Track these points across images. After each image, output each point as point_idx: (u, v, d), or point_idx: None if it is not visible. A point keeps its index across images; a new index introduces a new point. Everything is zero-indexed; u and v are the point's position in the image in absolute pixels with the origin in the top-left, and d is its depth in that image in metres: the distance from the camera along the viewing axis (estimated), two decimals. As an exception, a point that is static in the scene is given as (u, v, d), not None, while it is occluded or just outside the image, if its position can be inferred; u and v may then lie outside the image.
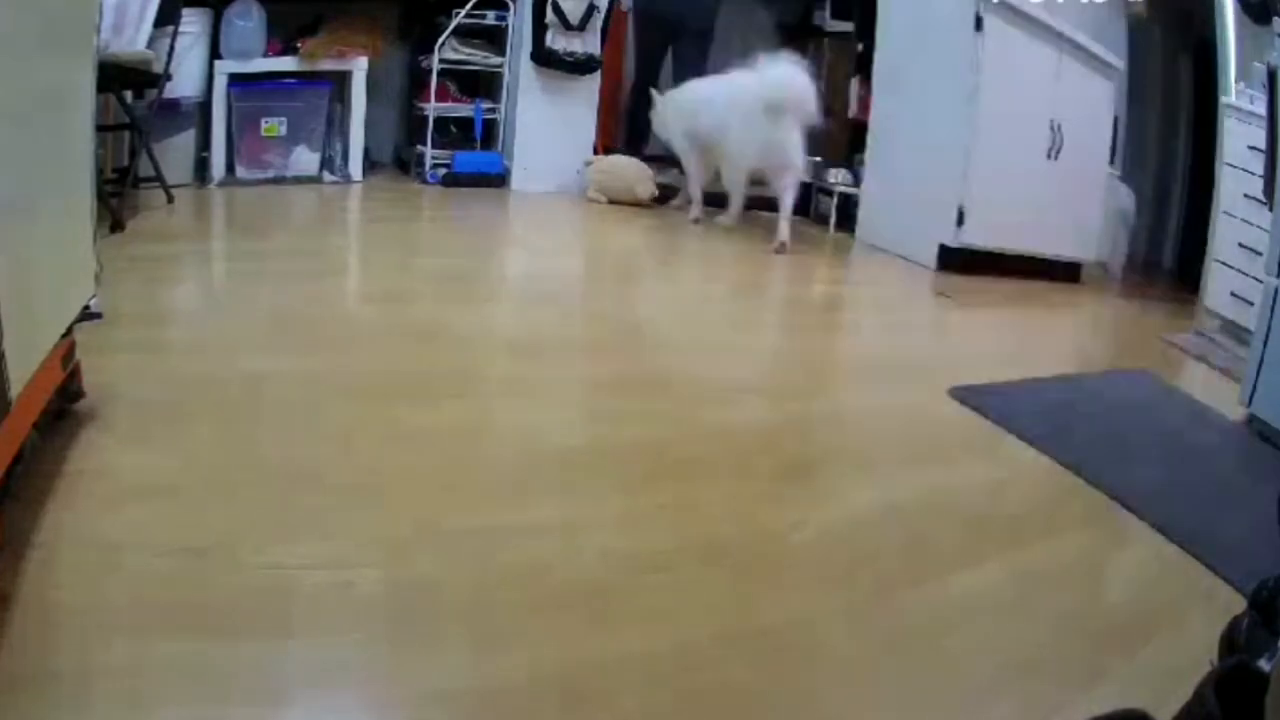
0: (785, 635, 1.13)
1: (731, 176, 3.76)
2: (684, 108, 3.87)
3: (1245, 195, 3.16)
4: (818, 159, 4.22)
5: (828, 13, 4.75)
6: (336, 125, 3.90)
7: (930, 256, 3.60)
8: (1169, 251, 4.83)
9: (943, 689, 1.06)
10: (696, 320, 2.69)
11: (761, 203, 3.91)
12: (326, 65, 3.77)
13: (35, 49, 1.13)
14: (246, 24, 3.56)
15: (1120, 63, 3.81)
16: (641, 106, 4.19)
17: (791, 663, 1.08)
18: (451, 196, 3.97)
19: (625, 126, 4.56)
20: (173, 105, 3.35)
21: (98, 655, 0.92)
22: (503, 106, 4.31)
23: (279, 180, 3.76)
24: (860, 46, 4.39)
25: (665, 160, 4.33)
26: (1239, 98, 3.38)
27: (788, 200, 3.60)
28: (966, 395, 2.05)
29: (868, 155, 4.03)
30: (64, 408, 1.42)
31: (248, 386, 1.68)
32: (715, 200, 3.94)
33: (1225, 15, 3.83)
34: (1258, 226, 2.98)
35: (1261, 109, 2.79)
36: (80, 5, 1.34)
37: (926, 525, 1.48)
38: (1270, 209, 2.31)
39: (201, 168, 3.64)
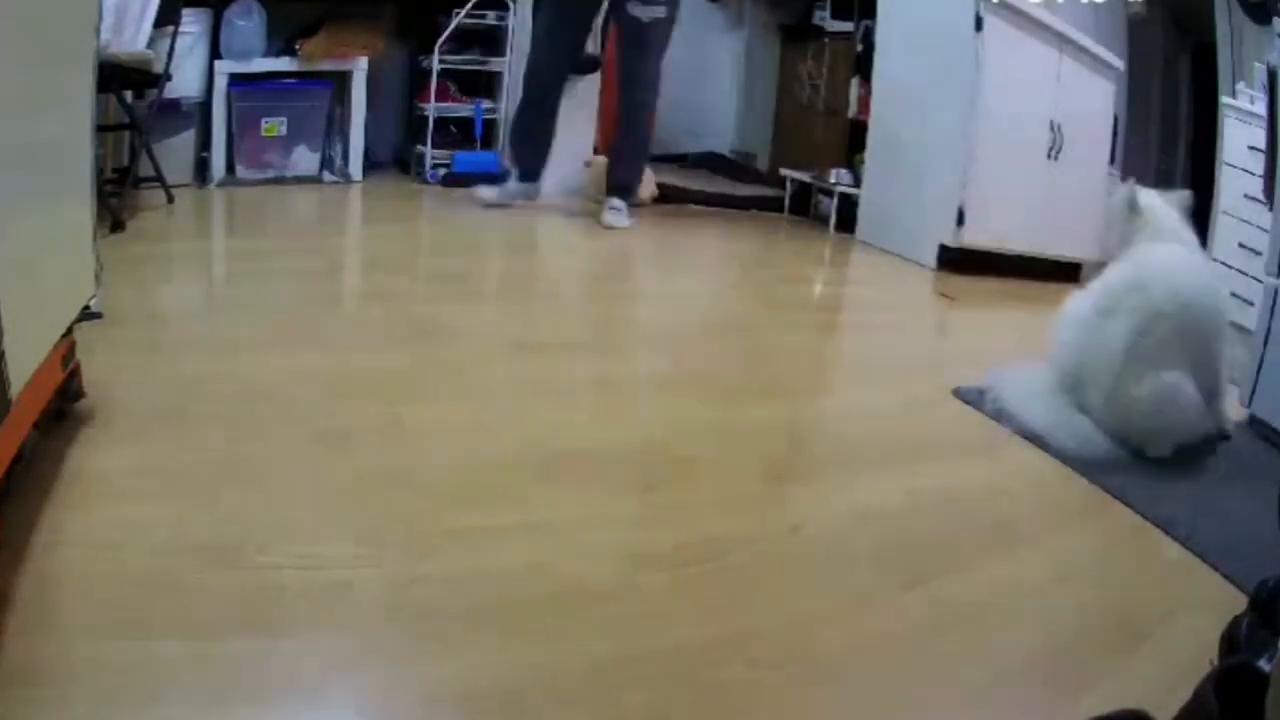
0: (785, 635, 1.13)
1: None
2: None
3: (1245, 195, 3.16)
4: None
5: (828, 13, 4.75)
6: (336, 125, 3.90)
7: (930, 256, 3.59)
8: (1169, 251, 4.82)
9: (942, 689, 1.06)
10: (696, 320, 2.69)
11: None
12: (326, 65, 3.77)
13: (36, 49, 1.13)
14: (246, 24, 3.56)
15: (1120, 63, 3.81)
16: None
17: (790, 663, 1.08)
18: (451, 196, 3.97)
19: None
20: (173, 105, 3.35)
21: (97, 655, 0.92)
22: (503, 106, 4.31)
23: (279, 180, 3.75)
24: (860, 46, 4.39)
25: (665, 160, 4.31)
26: (1239, 98, 3.38)
27: None
28: (968, 395, 2.05)
29: (868, 155, 4.02)
30: (64, 408, 1.41)
31: (248, 386, 1.69)
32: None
33: (1225, 15, 3.84)
34: (1258, 226, 2.98)
35: (1261, 109, 2.79)
36: (80, 5, 1.34)
37: (928, 524, 1.48)
38: (1270, 209, 2.30)
39: (201, 168, 3.64)
